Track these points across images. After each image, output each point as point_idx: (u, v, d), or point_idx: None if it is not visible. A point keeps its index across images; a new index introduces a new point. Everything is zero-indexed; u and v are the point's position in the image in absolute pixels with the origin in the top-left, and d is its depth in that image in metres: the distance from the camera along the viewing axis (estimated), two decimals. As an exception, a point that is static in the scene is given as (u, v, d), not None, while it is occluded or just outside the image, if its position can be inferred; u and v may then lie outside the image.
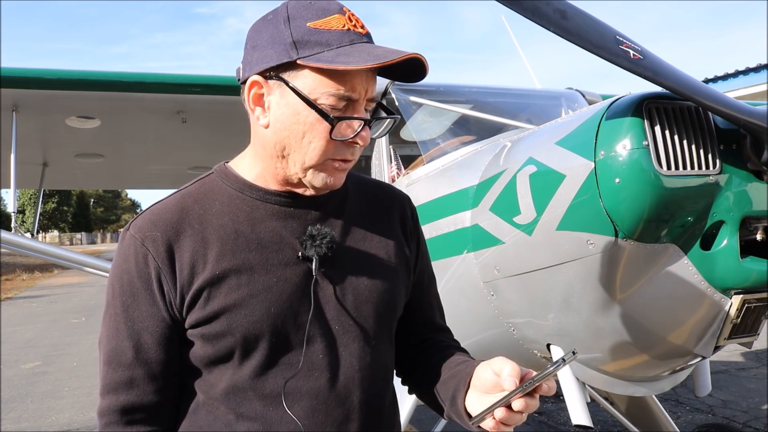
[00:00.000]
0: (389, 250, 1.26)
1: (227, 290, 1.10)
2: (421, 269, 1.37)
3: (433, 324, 1.40)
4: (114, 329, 1.13)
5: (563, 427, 4.81)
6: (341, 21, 1.08)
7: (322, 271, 1.16)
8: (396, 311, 1.27)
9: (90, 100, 3.95)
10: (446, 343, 1.35)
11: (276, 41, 1.08)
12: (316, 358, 1.14)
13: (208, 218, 1.15)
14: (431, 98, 3.40)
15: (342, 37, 1.07)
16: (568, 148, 2.01)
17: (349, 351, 1.16)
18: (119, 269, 1.14)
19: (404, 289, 1.29)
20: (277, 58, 1.08)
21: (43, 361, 8.08)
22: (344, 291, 1.17)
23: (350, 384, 1.16)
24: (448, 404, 1.19)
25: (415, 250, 1.34)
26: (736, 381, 6.02)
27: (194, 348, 1.13)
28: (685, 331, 2.06)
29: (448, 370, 1.23)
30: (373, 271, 1.21)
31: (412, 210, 1.36)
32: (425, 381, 1.28)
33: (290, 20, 1.08)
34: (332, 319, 1.16)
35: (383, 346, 1.23)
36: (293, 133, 1.10)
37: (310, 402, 1.12)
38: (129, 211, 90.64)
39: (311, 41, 1.06)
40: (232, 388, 1.12)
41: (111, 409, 1.12)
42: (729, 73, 11.57)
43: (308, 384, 1.12)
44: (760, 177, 1.88)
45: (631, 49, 1.73)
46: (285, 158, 1.13)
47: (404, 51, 1.06)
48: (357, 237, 1.23)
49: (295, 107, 1.09)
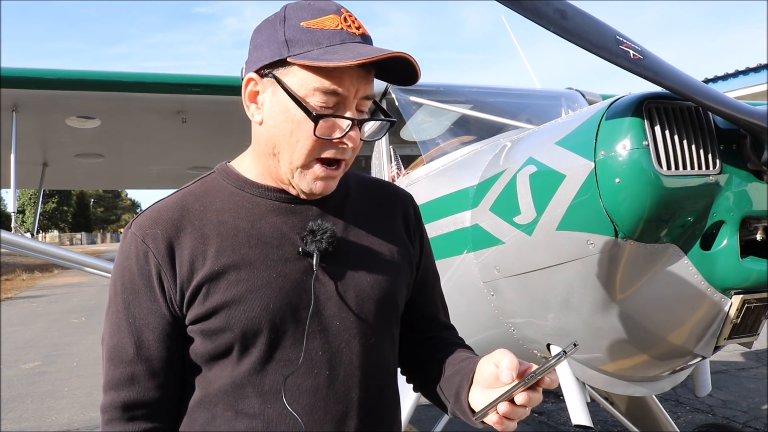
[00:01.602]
0: (391, 247, 1.25)
1: (226, 286, 1.10)
2: (425, 267, 1.36)
3: (438, 322, 1.39)
4: (116, 326, 1.14)
5: (563, 427, 4.81)
6: (335, 21, 1.09)
7: (323, 267, 1.15)
8: (397, 308, 1.26)
9: (90, 100, 3.96)
10: (450, 340, 1.34)
11: (271, 40, 1.11)
12: (316, 354, 1.13)
13: (209, 215, 1.15)
14: (431, 98, 3.41)
15: (333, 36, 1.08)
16: (568, 148, 2.01)
17: (350, 348, 1.16)
18: (121, 267, 1.15)
19: (406, 287, 1.28)
20: (271, 55, 1.10)
21: (43, 361, 8.07)
22: (345, 287, 1.17)
23: (350, 381, 1.15)
24: (452, 401, 1.19)
25: (419, 248, 1.34)
26: (736, 381, 6.02)
27: (194, 344, 1.14)
28: (685, 331, 2.06)
29: (452, 367, 1.22)
30: (374, 267, 1.21)
31: (415, 208, 1.36)
32: (429, 378, 1.28)
33: (286, 20, 1.10)
34: (333, 315, 1.15)
35: (384, 344, 1.23)
36: (282, 131, 1.11)
37: (309, 399, 1.12)
38: (129, 211, 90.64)
39: (302, 40, 1.08)
40: (231, 384, 1.12)
41: (113, 405, 1.13)
42: (729, 73, 11.56)
43: (307, 381, 1.12)
44: (760, 177, 1.88)
45: (631, 49, 1.73)
46: (276, 156, 1.14)
47: (390, 50, 1.06)
48: (359, 233, 1.22)
49: (285, 105, 1.10)
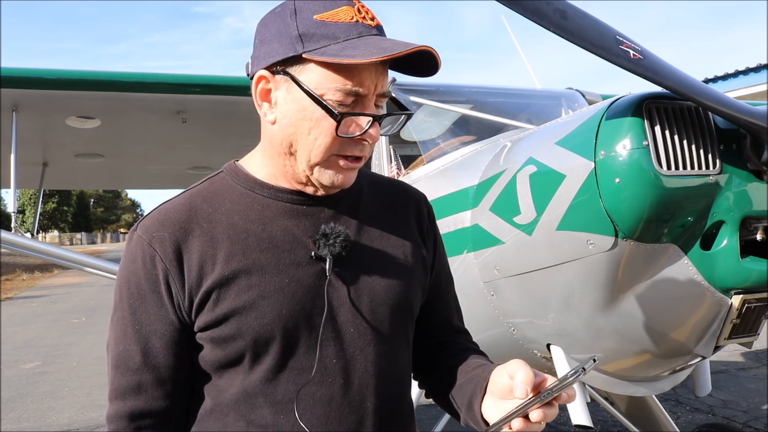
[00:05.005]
0: (405, 249, 1.21)
1: (237, 292, 1.06)
2: (439, 270, 1.31)
3: (451, 326, 1.35)
4: (121, 332, 1.10)
5: (563, 427, 4.80)
6: (349, 13, 1.04)
7: (336, 272, 1.11)
8: (413, 313, 1.22)
9: (90, 100, 3.95)
10: (464, 345, 1.30)
11: (282, 35, 1.05)
12: (330, 362, 1.09)
13: (218, 217, 1.11)
14: (431, 98, 3.40)
15: (350, 29, 1.03)
16: (568, 148, 2.01)
17: (365, 355, 1.12)
18: (126, 270, 1.10)
19: (421, 291, 1.23)
20: (283, 52, 1.04)
21: (43, 361, 8.07)
22: (359, 292, 1.13)
23: (365, 390, 1.11)
24: (464, 410, 1.15)
25: (432, 250, 1.29)
26: (736, 381, 6.02)
27: (204, 352, 1.09)
28: (685, 331, 2.06)
29: (465, 374, 1.18)
30: (389, 271, 1.16)
31: (428, 209, 1.31)
32: (441, 385, 1.23)
33: (297, 13, 1.04)
34: (347, 321, 1.11)
35: (400, 350, 1.19)
36: (300, 129, 1.06)
37: (323, 409, 1.08)
38: (129, 211, 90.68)
39: (317, 34, 1.02)
40: (242, 393, 1.08)
41: (119, 415, 1.09)
42: (729, 73, 11.56)
43: (321, 390, 1.08)
44: (760, 177, 1.88)
45: (631, 49, 1.73)
46: (293, 155, 1.09)
47: (413, 43, 1.02)
48: (372, 236, 1.18)
49: (302, 102, 1.05)
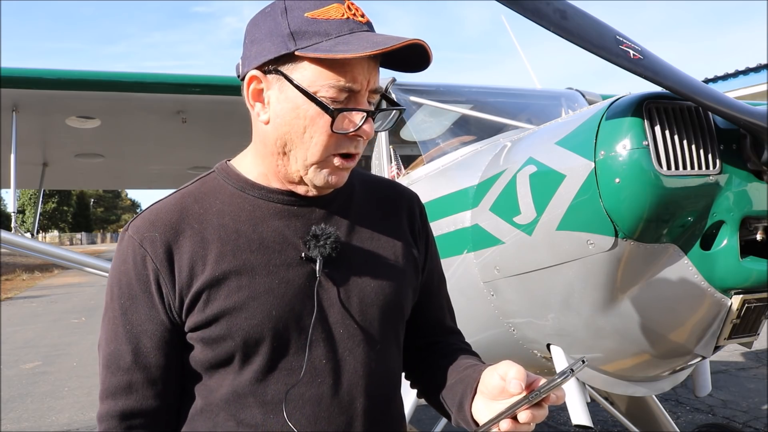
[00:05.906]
0: (397, 250, 1.21)
1: (227, 292, 1.07)
2: (431, 270, 1.31)
3: (443, 326, 1.35)
4: (112, 332, 1.10)
5: (563, 427, 4.80)
6: (340, 10, 1.05)
7: (326, 273, 1.11)
8: (403, 314, 1.22)
9: (90, 100, 3.95)
10: (456, 345, 1.30)
11: (274, 33, 1.05)
12: (319, 363, 1.10)
13: (209, 218, 1.11)
14: (431, 98, 3.40)
15: (341, 26, 1.03)
16: (568, 148, 2.01)
17: (354, 356, 1.12)
18: (117, 271, 1.11)
19: (412, 291, 1.24)
20: (275, 50, 1.04)
21: (43, 361, 8.06)
22: (349, 293, 1.13)
23: (354, 390, 1.12)
24: (455, 410, 1.16)
25: (424, 250, 1.29)
26: (736, 381, 6.02)
27: (194, 352, 1.10)
28: (685, 331, 2.06)
29: (455, 375, 1.19)
30: (379, 272, 1.17)
31: (420, 209, 1.31)
32: (432, 385, 1.24)
33: (287, 11, 1.05)
34: (336, 322, 1.11)
35: (390, 351, 1.19)
36: (294, 129, 1.06)
37: (312, 409, 1.09)
38: (129, 211, 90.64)
39: (309, 31, 1.03)
40: (232, 393, 1.08)
41: (110, 414, 1.09)
42: (729, 73, 11.57)
43: (311, 390, 1.09)
44: (760, 177, 1.88)
45: (631, 49, 1.73)
46: (286, 155, 1.09)
47: (405, 37, 1.02)
48: (363, 237, 1.18)
49: (295, 101, 1.05)
